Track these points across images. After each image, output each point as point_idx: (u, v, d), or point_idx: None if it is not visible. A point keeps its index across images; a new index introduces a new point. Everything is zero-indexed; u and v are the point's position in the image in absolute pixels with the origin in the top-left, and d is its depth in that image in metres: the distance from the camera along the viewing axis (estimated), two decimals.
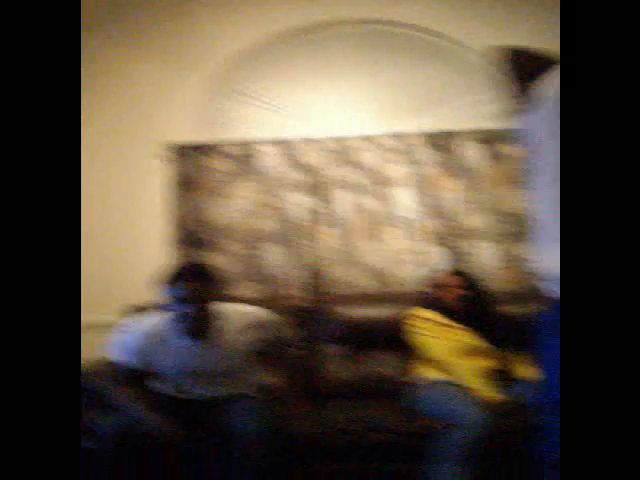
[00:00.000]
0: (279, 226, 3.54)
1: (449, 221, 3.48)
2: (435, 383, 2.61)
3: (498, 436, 2.28)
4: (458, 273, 2.94)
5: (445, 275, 2.93)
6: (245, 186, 3.59)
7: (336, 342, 3.04)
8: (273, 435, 2.37)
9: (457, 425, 2.25)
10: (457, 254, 3.46)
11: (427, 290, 3.02)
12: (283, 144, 3.59)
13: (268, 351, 2.62)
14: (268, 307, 3.11)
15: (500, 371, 2.75)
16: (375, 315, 3.09)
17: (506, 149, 3.54)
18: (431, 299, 2.91)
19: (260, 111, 3.72)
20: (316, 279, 3.47)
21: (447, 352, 2.65)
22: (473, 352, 2.71)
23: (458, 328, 2.75)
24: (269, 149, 3.59)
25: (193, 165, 3.58)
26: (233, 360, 2.47)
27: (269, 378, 2.89)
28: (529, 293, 3.30)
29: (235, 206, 3.59)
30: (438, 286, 2.89)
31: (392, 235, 3.52)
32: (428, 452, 2.28)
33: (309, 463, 2.45)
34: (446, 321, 2.76)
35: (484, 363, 2.70)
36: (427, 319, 2.78)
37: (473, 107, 3.65)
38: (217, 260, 3.49)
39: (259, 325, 2.56)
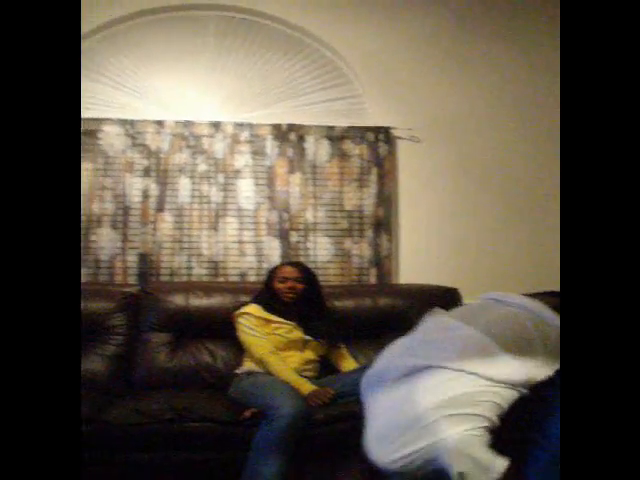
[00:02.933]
0: (115, 210, 3.41)
1: (287, 214, 3.52)
2: (255, 374, 2.64)
3: (313, 426, 2.35)
4: (295, 265, 2.98)
5: (282, 267, 2.96)
6: (84, 166, 3.43)
7: (162, 330, 2.98)
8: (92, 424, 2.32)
9: (272, 415, 2.29)
10: (293, 247, 3.51)
11: (263, 281, 3.04)
12: (128, 125, 3.46)
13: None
14: (97, 293, 3.04)
15: (320, 363, 2.84)
16: (206, 305, 3.06)
17: (349, 147, 3.63)
18: (265, 290, 2.93)
19: (108, 90, 3.58)
20: (148, 266, 3.38)
21: (266, 350, 2.67)
22: (294, 346, 2.76)
23: (283, 323, 2.78)
24: (113, 129, 3.45)
25: None
26: None
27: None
28: (357, 287, 3.45)
29: None
30: (274, 278, 2.91)
31: (230, 225, 3.51)
32: (247, 442, 2.30)
33: (128, 453, 2.39)
34: (271, 317, 2.79)
35: (304, 356, 2.76)
36: (252, 315, 2.78)
37: (322, 104, 3.73)
38: None
39: None
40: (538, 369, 1.70)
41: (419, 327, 2.16)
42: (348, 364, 2.89)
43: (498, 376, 1.70)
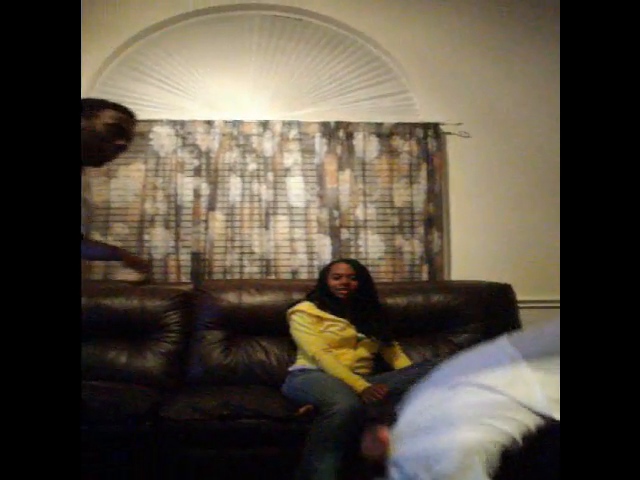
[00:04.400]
0: (168, 209, 3.46)
1: (338, 211, 3.51)
2: (309, 371, 2.64)
3: (368, 423, 2.34)
4: (348, 262, 2.97)
5: (336, 264, 2.95)
6: (137, 167, 3.49)
7: (216, 328, 3.01)
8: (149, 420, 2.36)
9: (327, 411, 2.29)
10: (344, 245, 3.50)
11: (315, 278, 3.05)
12: (179, 125, 3.50)
13: None
14: (152, 292, 3.08)
15: (373, 360, 2.83)
16: (260, 302, 3.08)
17: (398, 144, 3.60)
18: (318, 287, 2.93)
19: (158, 91, 3.63)
20: (201, 264, 3.42)
21: (320, 347, 2.67)
22: (347, 343, 2.76)
23: (336, 320, 2.78)
24: (164, 130, 3.50)
25: None
26: None
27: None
28: (408, 284, 3.42)
29: (125, 187, 3.49)
30: (327, 275, 2.91)
31: (281, 223, 3.52)
32: (301, 438, 2.30)
33: (183, 449, 2.42)
34: (324, 314, 2.79)
35: (357, 353, 2.75)
36: (305, 313, 2.78)
37: (370, 100, 3.71)
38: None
39: None
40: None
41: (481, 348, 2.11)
42: (401, 361, 2.87)
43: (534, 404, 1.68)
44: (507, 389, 1.70)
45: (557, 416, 1.59)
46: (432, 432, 1.69)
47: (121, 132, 1.89)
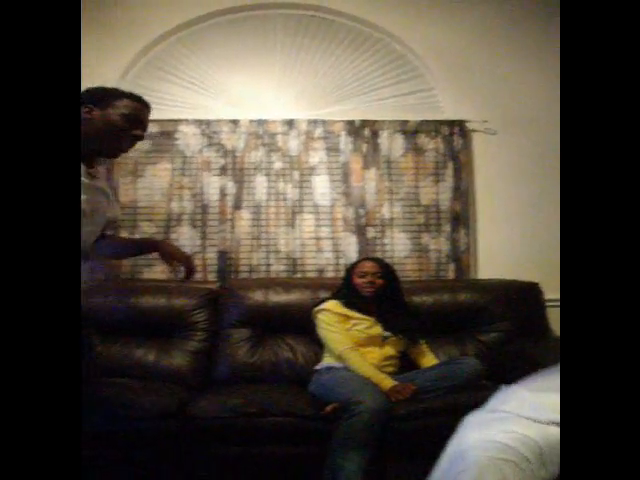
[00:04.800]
0: (194, 208, 3.48)
1: (364, 210, 3.50)
2: (335, 370, 2.64)
3: (395, 422, 2.33)
4: (374, 261, 2.96)
5: (361, 262, 2.95)
6: (163, 167, 3.52)
7: (243, 326, 3.03)
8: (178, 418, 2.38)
9: (354, 410, 2.28)
10: (370, 243, 3.49)
11: (341, 277, 3.04)
12: (204, 125, 3.52)
13: None
14: (178, 290, 3.11)
15: (400, 359, 2.82)
16: (286, 301, 3.09)
17: (424, 141, 3.59)
18: (344, 286, 2.92)
19: (184, 91, 3.65)
20: (228, 263, 3.43)
21: (346, 345, 2.67)
22: (374, 342, 2.75)
23: (362, 319, 2.77)
24: (190, 129, 3.52)
25: None
26: None
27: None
28: (435, 282, 3.40)
29: (152, 187, 3.52)
30: (353, 273, 2.90)
31: (307, 222, 3.52)
32: (328, 436, 2.30)
33: (211, 446, 2.43)
34: (351, 313, 2.78)
35: (384, 351, 2.75)
36: (331, 312, 2.78)
37: (395, 98, 3.69)
38: None
39: None
40: None
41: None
42: (428, 360, 2.85)
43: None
44: (501, 406, 1.67)
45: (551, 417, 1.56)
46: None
47: (137, 122, 1.87)
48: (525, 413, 1.60)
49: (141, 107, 1.88)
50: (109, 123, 1.80)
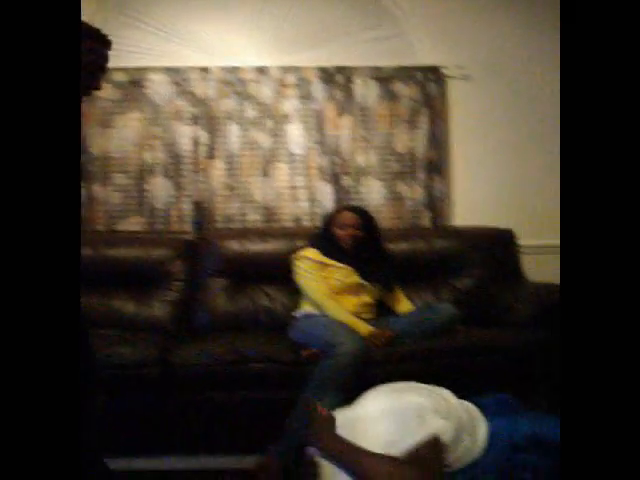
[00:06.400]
0: (167, 159, 3.43)
1: (338, 158, 3.49)
2: (313, 316, 2.67)
3: (370, 366, 2.39)
4: (355, 211, 2.90)
5: (342, 212, 2.90)
6: (133, 116, 3.44)
7: (220, 276, 3.04)
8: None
9: (332, 353, 2.32)
10: (345, 191, 3.49)
11: (318, 225, 3.04)
12: (174, 73, 3.44)
13: None
14: (154, 241, 3.09)
15: (376, 305, 2.86)
16: (262, 250, 3.09)
17: (398, 88, 3.55)
18: (323, 234, 2.89)
19: (152, 38, 3.54)
20: (203, 213, 3.41)
21: (323, 293, 2.69)
22: (351, 289, 2.77)
23: (340, 267, 2.78)
24: (159, 77, 3.43)
25: None
26: None
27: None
28: (410, 230, 3.43)
29: (123, 137, 3.45)
30: (333, 223, 2.87)
31: (281, 171, 3.49)
32: (304, 380, 2.34)
33: (193, 393, 2.47)
34: (329, 261, 2.78)
35: (361, 299, 2.78)
36: (310, 259, 2.78)
37: (369, 44, 3.63)
38: (104, 193, 3.38)
39: None
40: None
41: None
42: (404, 306, 2.90)
43: None
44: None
45: None
46: None
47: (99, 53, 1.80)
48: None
49: (97, 35, 1.80)
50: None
